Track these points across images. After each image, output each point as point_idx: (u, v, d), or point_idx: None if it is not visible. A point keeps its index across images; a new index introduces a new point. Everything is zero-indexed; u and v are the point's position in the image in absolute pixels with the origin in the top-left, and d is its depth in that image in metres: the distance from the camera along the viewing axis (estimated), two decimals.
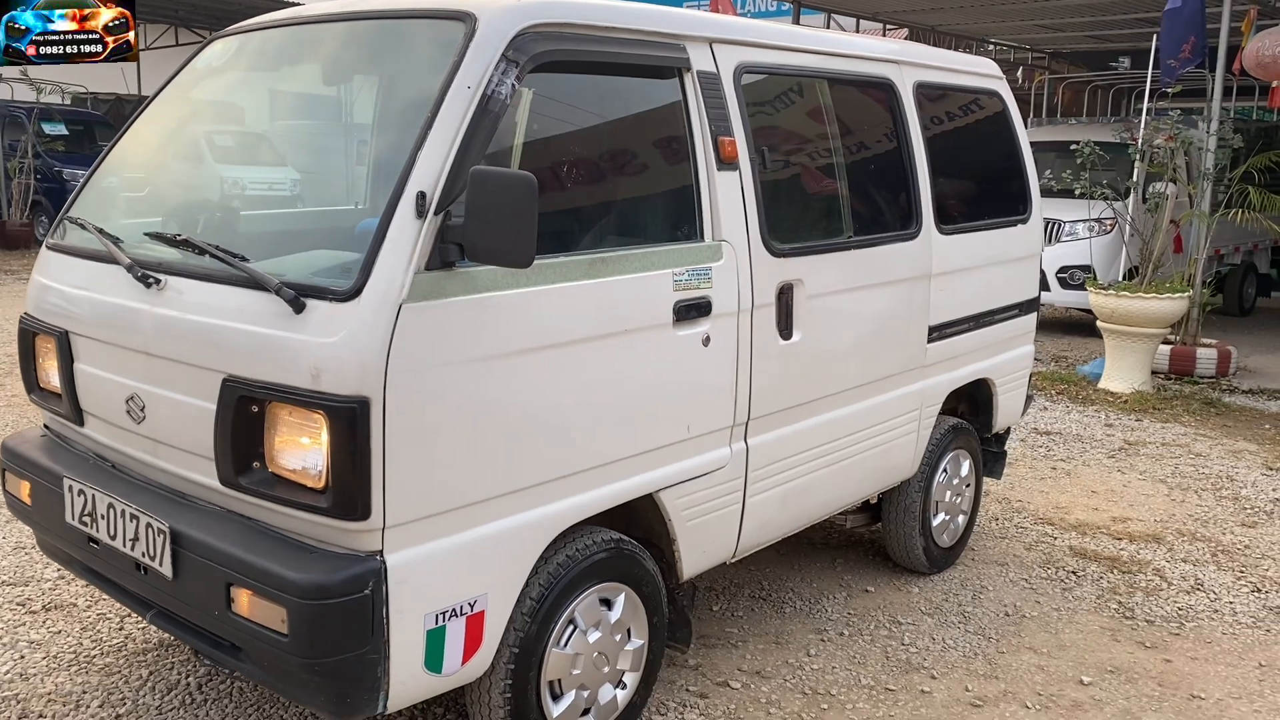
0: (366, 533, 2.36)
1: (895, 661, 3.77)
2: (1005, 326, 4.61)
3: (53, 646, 3.56)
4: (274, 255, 2.73)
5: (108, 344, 2.84)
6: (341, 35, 3.04)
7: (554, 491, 2.70)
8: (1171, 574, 4.67)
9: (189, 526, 2.56)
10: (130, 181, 3.16)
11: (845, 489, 3.84)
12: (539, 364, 2.61)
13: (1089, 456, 6.46)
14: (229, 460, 2.48)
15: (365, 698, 2.42)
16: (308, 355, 2.33)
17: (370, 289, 2.31)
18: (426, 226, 2.36)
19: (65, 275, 3.03)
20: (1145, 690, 3.66)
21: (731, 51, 3.22)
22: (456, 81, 2.48)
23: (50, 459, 3.03)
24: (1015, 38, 15.19)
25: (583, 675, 2.90)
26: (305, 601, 2.31)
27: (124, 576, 2.80)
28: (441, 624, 2.49)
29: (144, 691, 3.30)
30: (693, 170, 3.05)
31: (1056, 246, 10.61)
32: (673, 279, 2.93)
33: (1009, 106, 4.61)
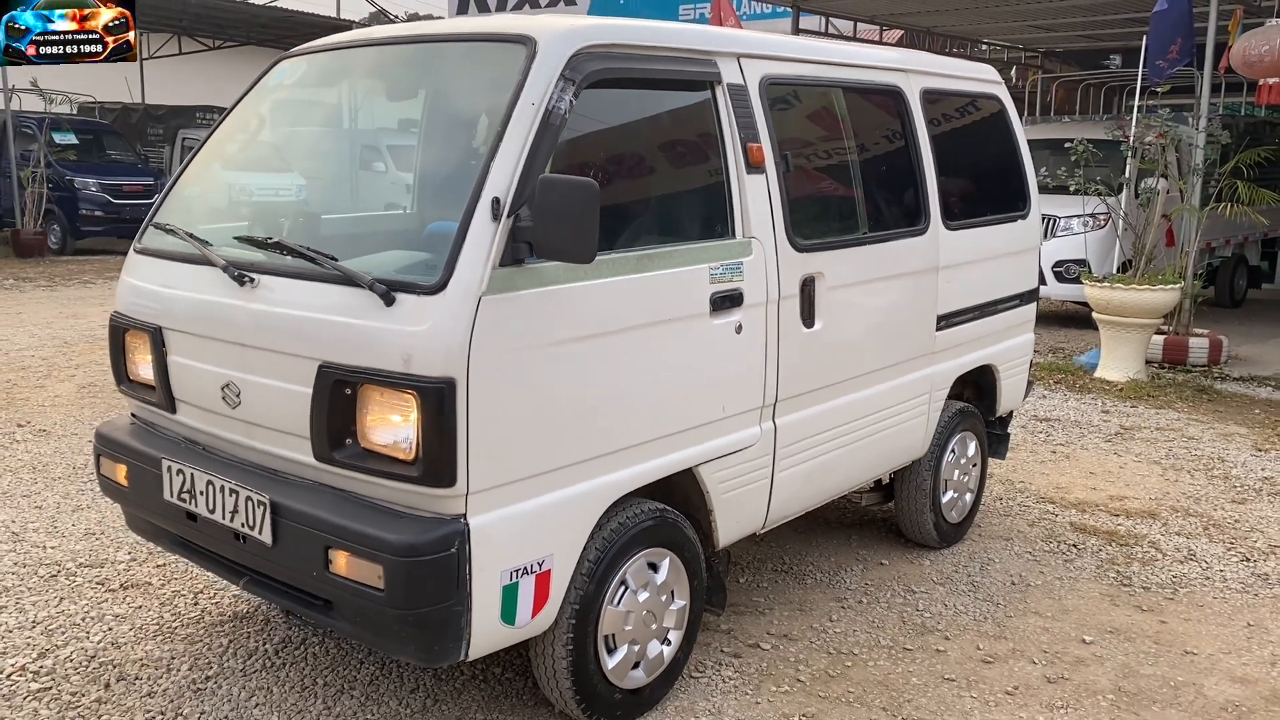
0: (452, 498, 2.67)
1: (911, 625, 4.08)
2: (1007, 316, 4.92)
3: (136, 619, 3.87)
4: (349, 255, 3.03)
5: (203, 337, 3.14)
6: (412, 56, 3.35)
7: (610, 464, 3.01)
8: (1166, 546, 4.98)
9: (286, 498, 2.86)
10: (211, 190, 3.46)
11: (862, 466, 4.16)
12: (597, 349, 2.92)
13: (1087, 441, 6.78)
14: (324, 438, 2.78)
15: (450, 645, 2.73)
16: (399, 342, 2.64)
17: (454, 283, 2.62)
18: (501, 228, 2.67)
19: (155, 276, 3.33)
20: (1142, 648, 3.97)
21: (757, 65, 3.53)
22: (522, 99, 2.79)
23: (144, 443, 3.33)
24: (1009, 38, 15.54)
25: (634, 631, 3.21)
26: (400, 559, 2.61)
27: (222, 546, 3.11)
28: (515, 580, 2.80)
29: (227, 656, 3.60)
30: (725, 174, 3.36)
31: (1052, 241, 10.92)
32: (709, 273, 3.24)
33: (1008, 109, 4.93)
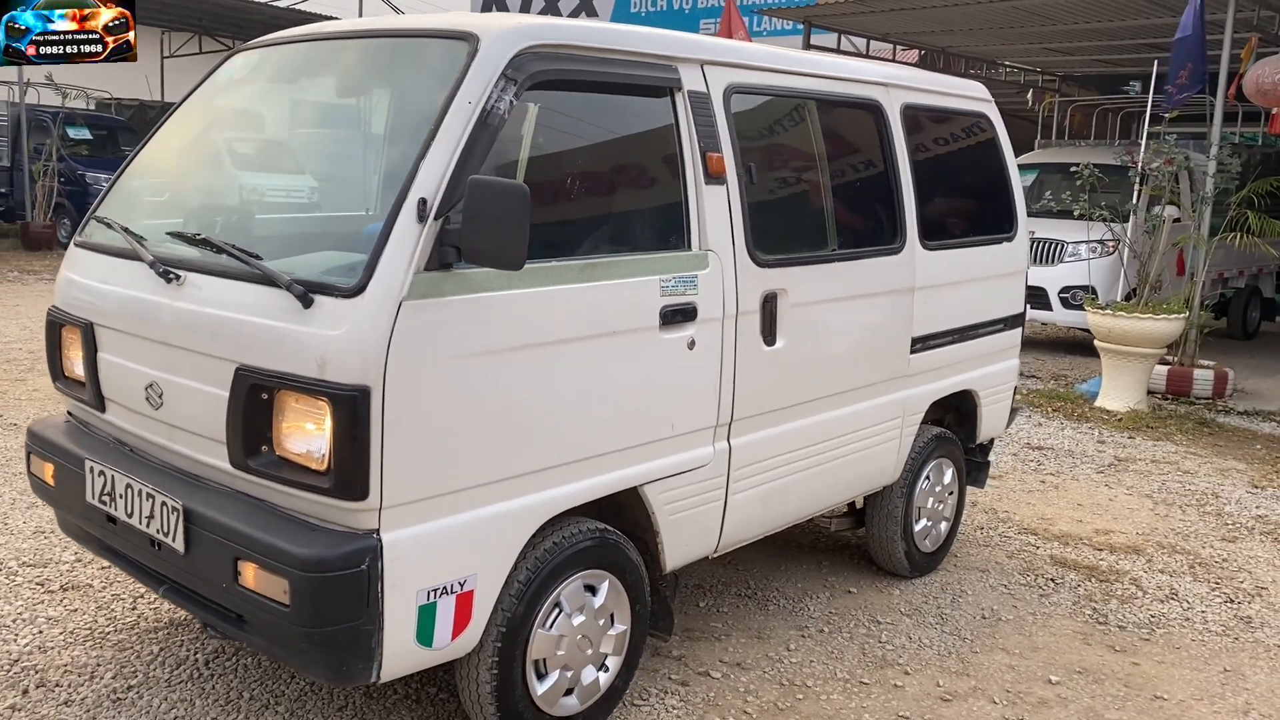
0: (364, 512, 2.55)
1: (871, 657, 3.93)
2: (990, 340, 4.78)
3: (69, 623, 3.76)
4: (287, 255, 2.93)
5: (130, 335, 3.04)
6: (356, 52, 3.25)
7: (542, 481, 2.88)
8: (1148, 583, 4.82)
9: (200, 504, 2.75)
10: (154, 185, 3.37)
11: (826, 491, 4.01)
12: (531, 360, 2.80)
13: (1078, 471, 6.61)
14: (239, 444, 2.67)
15: (360, 666, 2.61)
16: (314, 347, 2.52)
17: (373, 286, 2.50)
18: (427, 230, 2.56)
19: (91, 271, 3.24)
20: (1110, 690, 3.81)
21: (722, 73, 3.41)
22: (459, 97, 2.68)
23: (73, 442, 3.23)
24: (1026, 60, 15.38)
25: (566, 656, 3.07)
26: (306, 574, 2.49)
27: (139, 552, 3.00)
28: (433, 600, 2.68)
29: (155, 665, 3.49)
30: (682, 184, 3.24)
31: (1059, 266, 10.77)
32: (660, 285, 3.12)
33: (996, 128, 4.79)
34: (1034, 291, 10.90)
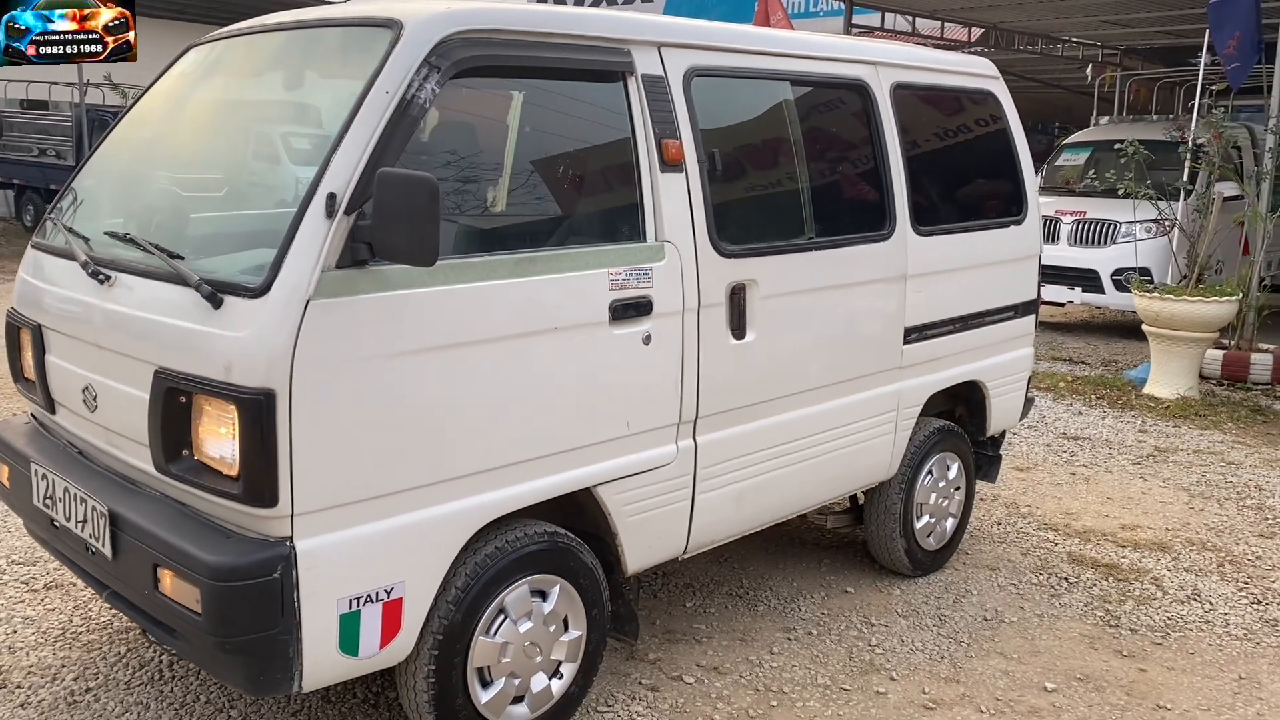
0: (275, 519, 2.47)
1: (858, 662, 3.76)
2: (998, 329, 4.55)
3: (44, 623, 3.77)
4: (220, 254, 2.86)
5: (69, 336, 3.01)
6: (295, 42, 3.16)
7: (475, 485, 2.78)
8: (1169, 583, 4.56)
9: (126, 509, 2.70)
10: (105, 185, 3.33)
11: (810, 489, 3.85)
12: (457, 360, 2.69)
13: (1113, 463, 6.32)
14: (160, 447, 2.61)
15: (279, 676, 2.53)
16: (221, 349, 2.45)
17: (279, 285, 2.42)
18: (336, 226, 2.46)
19: (40, 272, 3.22)
20: (1110, 699, 3.60)
21: (682, 55, 3.26)
22: (375, 87, 2.58)
23: (24, 444, 3.21)
24: (1085, 34, 14.81)
25: (513, 664, 2.97)
26: (215, 583, 2.42)
27: (79, 557, 2.97)
28: (356, 609, 2.59)
29: (118, 667, 3.47)
30: (635, 172, 3.10)
31: (1111, 248, 10.39)
32: (609, 278, 2.99)
33: (1004, 107, 4.55)
34: (1086, 274, 10.54)
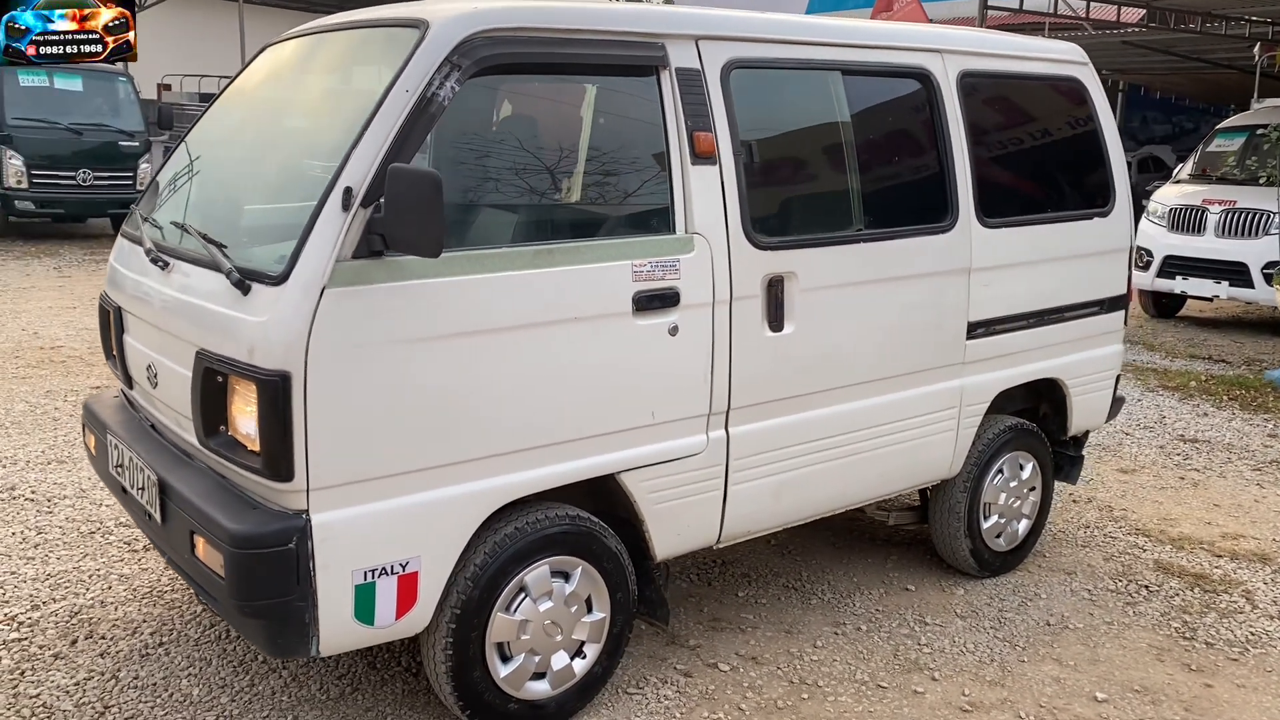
0: (293, 493, 2.63)
1: (902, 660, 3.72)
2: (1079, 325, 4.38)
3: (137, 581, 4.09)
4: (259, 244, 3.05)
5: (138, 318, 3.26)
6: (343, 43, 3.33)
7: (491, 467, 2.88)
8: (1262, 597, 4.32)
9: (174, 479, 2.93)
10: (181, 176, 3.58)
11: (859, 485, 3.81)
12: (471, 348, 2.79)
13: (1229, 468, 5.99)
14: (200, 422, 2.82)
15: (296, 640, 2.70)
16: (246, 332, 2.63)
17: (296, 274, 2.58)
18: (352, 219, 2.60)
19: (122, 258, 3.49)
20: (1165, 713, 3.45)
21: (721, 48, 3.27)
22: (397, 85, 2.71)
23: (107, 416, 3.50)
24: (1252, 10, 13.87)
25: (533, 641, 3.07)
26: (235, 550, 2.61)
27: (143, 523, 3.22)
28: (371, 580, 2.74)
29: (191, 625, 3.75)
30: (666, 165, 3.14)
31: (1264, 239, 9.76)
32: (632, 270, 3.04)
33: (1090, 92, 4.37)
34: (1235, 267, 9.94)
